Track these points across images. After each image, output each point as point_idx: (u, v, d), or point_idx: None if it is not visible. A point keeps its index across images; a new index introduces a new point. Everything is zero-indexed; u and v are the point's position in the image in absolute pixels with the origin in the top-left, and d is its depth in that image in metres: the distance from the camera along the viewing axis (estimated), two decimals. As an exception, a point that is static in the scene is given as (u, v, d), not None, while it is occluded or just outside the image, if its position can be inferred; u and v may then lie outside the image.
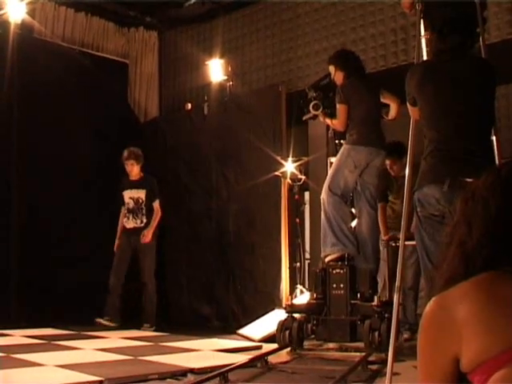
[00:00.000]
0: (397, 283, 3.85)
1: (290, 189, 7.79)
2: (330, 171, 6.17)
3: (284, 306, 6.25)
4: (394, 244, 6.39)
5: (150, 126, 10.20)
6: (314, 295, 6.18)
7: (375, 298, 5.68)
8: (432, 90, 3.80)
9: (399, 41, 8.10)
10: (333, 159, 6.33)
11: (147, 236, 8.10)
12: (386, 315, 5.44)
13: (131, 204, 8.27)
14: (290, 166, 7.63)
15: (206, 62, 9.38)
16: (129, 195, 8.28)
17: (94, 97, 9.18)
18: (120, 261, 8.20)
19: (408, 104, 4.02)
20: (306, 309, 6.19)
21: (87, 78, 9.29)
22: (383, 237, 6.59)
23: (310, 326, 5.96)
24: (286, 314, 6.06)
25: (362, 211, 6.21)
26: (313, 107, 6.20)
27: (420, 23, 4.50)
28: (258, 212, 7.99)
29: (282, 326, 5.94)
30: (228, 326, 7.88)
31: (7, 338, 7.00)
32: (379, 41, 8.26)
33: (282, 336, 5.91)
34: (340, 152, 6.13)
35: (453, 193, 3.47)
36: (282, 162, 7.61)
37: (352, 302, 5.83)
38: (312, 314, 6.01)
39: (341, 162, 6.06)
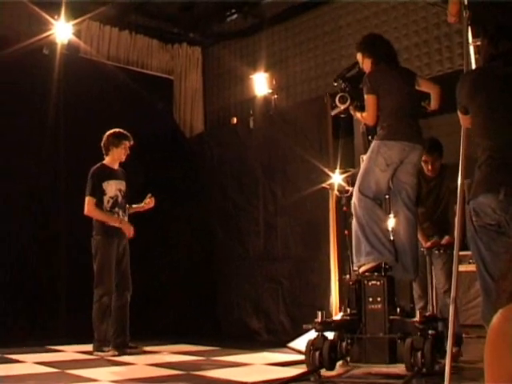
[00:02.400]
0: (452, 294, 3.80)
1: (338, 201, 7.70)
2: (360, 171, 5.51)
3: (313, 323, 5.22)
4: (437, 251, 5.98)
5: (196, 141, 10.28)
6: (348, 310, 5.47)
7: (417, 312, 5.01)
8: (484, 97, 3.74)
9: (444, 48, 8.05)
10: (365, 157, 5.60)
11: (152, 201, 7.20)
12: (430, 332, 4.87)
13: (119, 197, 6.99)
14: (337, 178, 7.56)
15: (251, 76, 9.43)
16: (117, 186, 7.01)
17: (140, 113, 9.28)
18: (111, 269, 6.83)
19: (459, 113, 3.97)
20: (338, 326, 5.40)
21: (133, 95, 9.41)
22: (424, 244, 6.05)
23: (344, 345, 5.22)
24: (316, 333, 5.19)
25: (399, 215, 5.45)
26: (339, 100, 5.56)
27: (467, 30, 4.46)
28: (306, 225, 7.96)
29: (312, 346, 5.10)
30: (278, 339, 7.85)
31: (60, 353, 7.09)
32: (423, 49, 8.22)
33: (311, 357, 5.07)
34: (370, 149, 5.44)
35: (509, 202, 3.41)
36: (329, 173, 7.56)
37: (391, 317, 5.12)
38: (345, 331, 5.27)
39: (371, 161, 5.37)
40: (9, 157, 8.32)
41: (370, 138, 5.63)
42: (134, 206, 7.25)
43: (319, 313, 5.17)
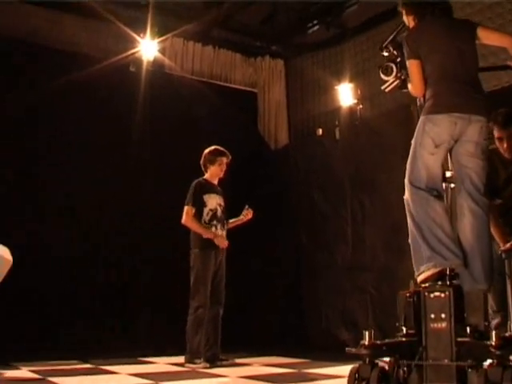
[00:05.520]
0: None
1: (426, 210, 7.59)
2: (409, 158, 4.41)
3: (359, 346, 4.00)
4: None
5: (282, 152, 10.34)
6: (404, 330, 4.18)
7: (493, 333, 3.67)
8: None
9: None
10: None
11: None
12: (511, 359, 3.66)
13: (219, 211, 7.07)
14: (424, 187, 7.44)
15: (335, 87, 9.42)
16: (217, 201, 7.09)
17: (225, 127, 9.37)
18: (207, 282, 6.86)
19: None
20: (392, 350, 4.09)
21: (217, 108, 9.54)
22: (501, 245, 4.91)
23: (400, 373, 4.00)
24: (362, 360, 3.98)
25: (463, 208, 4.30)
26: (383, 72, 4.57)
27: None
28: (394, 234, 7.85)
29: (356, 374, 3.94)
30: (368, 351, 7.75)
31: (152, 365, 7.18)
32: (490, 60, 8.00)
33: None
34: (416, 129, 4.38)
35: None
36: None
37: (459, 339, 3.90)
38: (401, 357, 4.02)
39: (417, 143, 4.31)
40: (96, 172, 8.54)
41: None
42: (231, 220, 7.31)
43: (366, 333, 3.96)
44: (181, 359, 6.92)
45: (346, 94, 9.29)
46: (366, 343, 3.94)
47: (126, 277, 8.72)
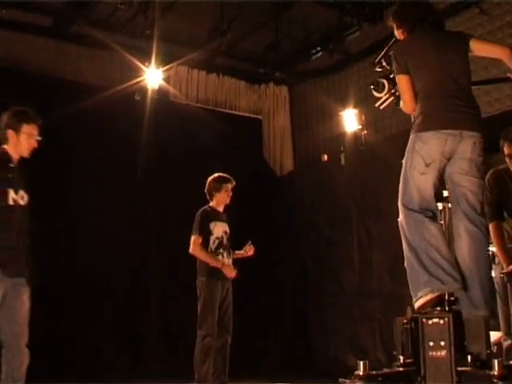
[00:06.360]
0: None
1: (433, 235, 7.58)
2: (400, 180, 4.19)
3: (353, 376, 3.71)
4: None
5: (287, 179, 10.37)
6: (401, 359, 3.87)
7: (495, 362, 3.44)
8: None
9: (514, 83, 7.84)
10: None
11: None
12: None
13: (225, 239, 6.92)
14: (431, 212, 7.43)
15: (340, 113, 9.45)
16: (222, 228, 6.93)
17: (230, 154, 9.40)
18: (214, 311, 6.70)
19: None
20: (388, 380, 3.79)
21: (223, 136, 9.56)
22: (505, 268, 4.71)
23: None
24: None
25: (459, 229, 4.04)
26: (374, 88, 4.27)
27: None
28: (401, 260, 7.83)
29: None
30: (376, 376, 7.71)
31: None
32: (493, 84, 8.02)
33: None
34: (407, 148, 4.10)
35: None
36: (423, 207, 7.44)
37: (460, 368, 3.61)
38: None
39: (407, 162, 4.06)
40: (101, 199, 8.55)
41: None
42: (236, 252, 7.29)
43: (360, 363, 3.68)
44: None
45: (350, 120, 9.30)
46: (361, 374, 3.67)
47: (134, 306, 8.70)
